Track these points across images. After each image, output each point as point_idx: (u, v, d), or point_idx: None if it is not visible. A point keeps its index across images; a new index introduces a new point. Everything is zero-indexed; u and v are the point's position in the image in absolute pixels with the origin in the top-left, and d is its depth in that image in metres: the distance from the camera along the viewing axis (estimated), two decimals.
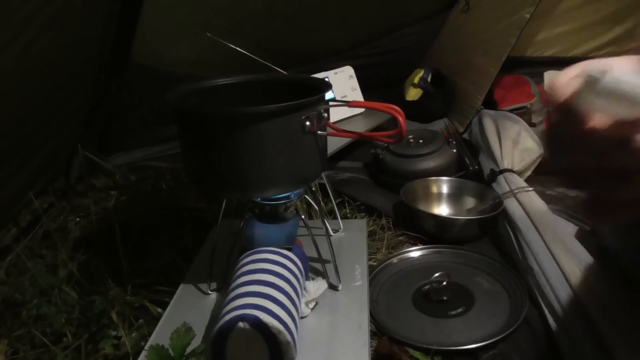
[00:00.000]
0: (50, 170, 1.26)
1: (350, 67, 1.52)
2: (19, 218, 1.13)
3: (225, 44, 1.33)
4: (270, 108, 0.66)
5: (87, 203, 1.20)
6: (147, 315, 0.81)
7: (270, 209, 0.77)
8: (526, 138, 1.21)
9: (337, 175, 1.27)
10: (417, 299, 0.85)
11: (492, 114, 1.32)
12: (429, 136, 1.28)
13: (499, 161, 1.14)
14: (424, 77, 1.61)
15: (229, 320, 0.60)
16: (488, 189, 1.11)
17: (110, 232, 0.99)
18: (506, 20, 1.44)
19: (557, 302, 0.77)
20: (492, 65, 1.42)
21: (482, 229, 1.04)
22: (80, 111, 1.31)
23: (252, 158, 0.68)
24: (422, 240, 1.02)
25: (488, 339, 0.74)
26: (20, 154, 1.07)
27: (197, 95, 0.79)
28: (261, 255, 0.72)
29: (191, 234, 1.02)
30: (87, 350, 0.76)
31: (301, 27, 1.54)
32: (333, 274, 0.79)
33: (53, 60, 1.03)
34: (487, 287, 0.88)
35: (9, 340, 0.79)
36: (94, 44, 1.19)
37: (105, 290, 0.87)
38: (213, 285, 0.80)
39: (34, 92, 1.02)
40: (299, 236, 0.78)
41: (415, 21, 1.77)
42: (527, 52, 1.90)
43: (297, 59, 1.60)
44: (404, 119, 0.66)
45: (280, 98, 0.67)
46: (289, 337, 0.60)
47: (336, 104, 0.76)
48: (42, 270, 0.94)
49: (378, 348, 0.74)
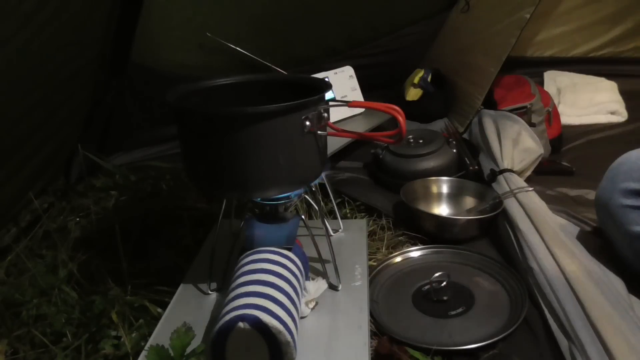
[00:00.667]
0: (50, 170, 1.26)
1: (350, 67, 1.52)
2: (19, 218, 1.12)
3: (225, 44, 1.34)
4: (270, 108, 0.66)
5: (87, 203, 1.20)
6: (147, 315, 0.81)
7: (270, 209, 0.77)
8: (526, 138, 1.21)
9: (337, 175, 1.27)
10: (417, 299, 0.85)
11: (492, 114, 1.32)
12: (429, 136, 1.28)
13: (499, 161, 1.14)
14: (424, 77, 1.61)
15: (229, 320, 0.60)
16: (488, 189, 1.11)
17: (110, 232, 0.99)
18: (506, 21, 1.44)
19: (557, 302, 0.76)
20: (492, 65, 1.42)
21: (482, 229, 1.04)
22: (80, 111, 1.31)
23: (252, 158, 0.68)
24: (422, 240, 1.02)
25: (488, 339, 0.74)
26: (20, 153, 1.07)
27: (197, 95, 0.79)
28: (261, 255, 0.71)
29: (191, 234, 1.02)
30: (87, 350, 0.76)
31: (301, 27, 1.54)
32: (333, 274, 0.79)
33: (53, 59, 1.03)
34: (487, 287, 0.88)
35: (9, 340, 0.79)
36: (94, 44, 1.19)
37: (105, 290, 0.87)
38: (213, 285, 0.80)
39: (34, 92, 1.02)
40: (299, 236, 0.78)
41: (415, 21, 1.77)
42: (527, 52, 1.91)
43: (297, 59, 1.60)
44: (404, 119, 0.66)
45: (281, 98, 0.67)
46: (289, 337, 0.60)
47: (336, 104, 0.76)
48: (42, 270, 0.94)
49: (378, 348, 0.74)
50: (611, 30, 1.86)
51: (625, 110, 1.66)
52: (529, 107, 1.34)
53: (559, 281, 0.79)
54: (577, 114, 1.65)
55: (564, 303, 0.75)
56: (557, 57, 1.91)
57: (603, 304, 0.73)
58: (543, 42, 1.90)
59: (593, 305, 0.73)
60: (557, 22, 1.86)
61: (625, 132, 1.55)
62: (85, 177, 1.30)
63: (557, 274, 0.80)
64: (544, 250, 0.85)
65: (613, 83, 1.75)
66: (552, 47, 1.91)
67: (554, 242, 0.86)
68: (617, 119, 1.64)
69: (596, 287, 0.76)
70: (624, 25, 1.85)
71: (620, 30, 1.86)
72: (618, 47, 1.88)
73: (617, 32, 1.86)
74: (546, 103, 1.41)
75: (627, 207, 0.82)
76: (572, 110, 1.66)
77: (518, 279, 0.87)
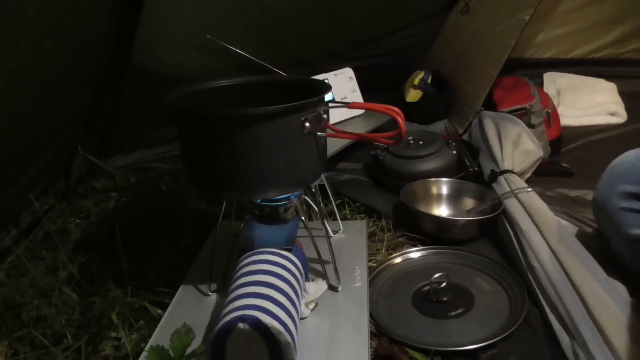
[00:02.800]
0: (51, 172, 1.26)
1: (350, 69, 1.53)
2: (20, 220, 1.13)
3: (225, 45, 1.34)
4: (270, 109, 0.66)
5: (87, 205, 1.21)
6: (147, 317, 0.81)
7: (270, 210, 0.78)
8: (526, 140, 1.21)
9: (337, 177, 1.27)
10: (417, 300, 0.85)
11: (493, 115, 1.32)
12: (429, 138, 1.28)
13: (500, 162, 1.14)
14: (424, 78, 1.61)
15: (229, 321, 0.60)
16: (487, 190, 1.11)
17: (111, 234, 0.99)
18: (506, 22, 1.44)
19: (559, 300, 0.77)
20: (492, 67, 1.42)
21: (482, 229, 1.04)
22: (80, 113, 1.31)
23: (252, 159, 0.68)
24: (422, 241, 1.02)
25: (488, 340, 0.74)
26: (21, 156, 1.07)
27: (197, 97, 0.80)
28: (261, 257, 0.72)
29: (191, 235, 1.02)
30: (87, 352, 0.77)
31: (301, 29, 1.54)
32: (333, 275, 0.79)
33: (55, 64, 1.03)
34: (486, 287, 0.88)
35: (9, 341, 0.79)
36: (95, 47, 1.19)
37: (105, 291, 0.87)
38: (213, 287, 0.80)
39: (36, 95, 1.03)
40: (299, 237, 0.78)
41: (414, 23, 1.77)
42: (527, 53, 1.91)
43: (297, 61, 1.60)
44: (403, 120, 0.66)
45: (280, 99, 0.67)
46: (289, 337, 0.60)
47: (336, 105, 0.76)
48: (43, 271, 0.94)
49: (378, 349, 0.74)
50: (610, 32, 1.86)
51: (624, 112, 1.66)
52: (528, 109, 1.34)
53: (561, 278, 0.79)
54: (577, 115, 1.66)
55: (566, 300, 0.76)
56: (556, 59, 1.91)
57: (605, 301, 0.73)
58: (542, 43, 1.90)
59: (595, 302, 0.73)
60: (557, 23, 1.86)
61: (624, 133, 1.56)
62: (85, 178, 1.30)
63: (558, 271, 0.81)
64: (545, 248, 0.86)
65: (612, 84, 1.75)
66: (552, 48, 1.91)
67: (555, 240, 0.86)
68: (616, 120, 1.64)
69: (599, 285, 0.76)
70: (623, 27, 1.85)
71: (620, 31, 1.86)
72: (617, 49, 1.88)
73: (616, 34, 1.86)
74: (546, 104, 1.41)
75: (624, 210, 0.82)
76: (572, 111, 1.66)
77: (518, 279, 0.87)
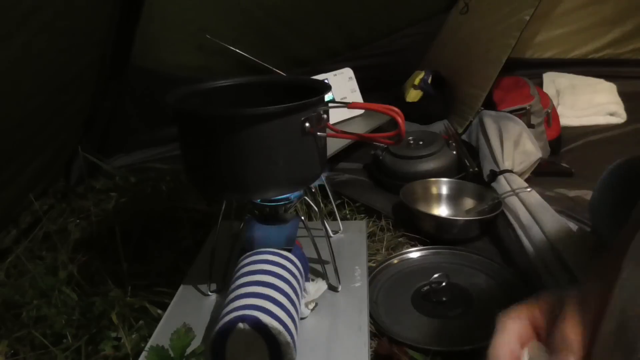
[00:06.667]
0: (51, 172, 1.26)
1: (350, 69, 1.53)
2: (19, 220, 1.13)
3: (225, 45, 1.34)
4: (270, 109, 0.66)
5: (87, 205, 1.21)
6: (147, 317, 0.81)
7: (270, 210, 0.77)
8: (526, 140, 1.21)
9: (337, 177, 1.27)
10: (417, 300, 0.85)
11: (493, 115, 1.32)
12: (429, 138, 1.28)
13: (500, 161, 1.14)
14: (424, 78, 1.61)
15: (228, 321, 0.60)
16: (487, 190, 1.12)
17: (110, 234, 1.00)
18: (505, 22, 1.44)
19: None
20: (492, 67, 1.42)
21: (482, 229, 1.04)
22: (80, 113, 1.31)
23: (252, 159, 0.68)
24: (422, 241, 1.03)
25: (487, 340, 0.74)
26: (20, 155, 1.07)
27: (197, 97, 0.80)
28: (261, 257, 0.72)
29: (191, 236, 1.02)
30: (87, 352, 0.77)
31: (301, 29, 1.54)
32: (333, 275, 0.79)
33: (54, 63, 1.03)
34: (486, 287, 0.88)
35: (9, 341, 0.79)
36: (94, 47, 1.19)
37: (105, 291, 0.87)
38: (213, 287, 0.80)
39: (35, 95, 1.03)
40: (299, 237, 0.78)
41: (414, 23, 1.77)
42: (527, 53, 1.91)
43: (296, 61, 1.60)
44: (403, 120, 0.66)
45: (280, 100, 0.67)
46: (289, 337, 0.60)
47: (335, 105, 0.76)
48: (42, 271, 0.94)
49: (378, 349, 0.74)
50: (610, 32, 1.87)
51: (624, 112, 1.66)
52: (528, 109, 1.34)
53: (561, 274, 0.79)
54: (576, 115, 1.66)
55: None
56: (556, 59, 1.91)
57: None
58: (542, 43, 1.90)
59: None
60: (557, 23, 1.86)
61: (624, 133, 1.56)
62: (85, 178, 1.30)
63: (559, 267, 0.80)
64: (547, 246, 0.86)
65: (612, 84, 1.75)
66: (551, 48, 1.91)
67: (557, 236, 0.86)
68: (616, 121, 1.65)
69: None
70: (623, 27, 1.85)
71: (620, 32, 1.86)
72: (617, 49, 1.88)
73: (616, 34, 1.86)
74: (545, 104, 1.41)
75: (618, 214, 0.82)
76: (571, 111, 1.66)
77: (518, 279, 0.87)
